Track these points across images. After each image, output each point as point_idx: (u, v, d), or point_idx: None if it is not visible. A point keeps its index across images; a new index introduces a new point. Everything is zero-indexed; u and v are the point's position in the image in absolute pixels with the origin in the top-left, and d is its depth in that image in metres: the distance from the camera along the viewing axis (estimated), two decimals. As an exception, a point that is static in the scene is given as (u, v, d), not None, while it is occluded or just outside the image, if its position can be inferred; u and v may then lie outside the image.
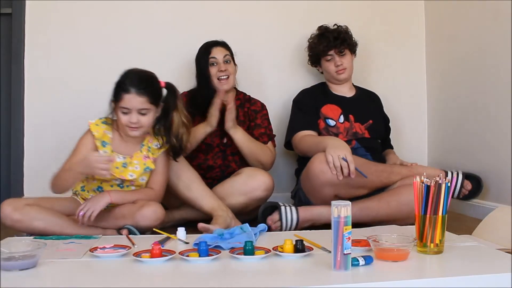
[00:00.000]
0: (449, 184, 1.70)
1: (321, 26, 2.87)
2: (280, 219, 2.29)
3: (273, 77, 3.21)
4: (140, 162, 2.19)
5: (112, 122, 2.20)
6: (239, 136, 2.56)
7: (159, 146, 2.22)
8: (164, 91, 2.21)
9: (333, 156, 2.30)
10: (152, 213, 2.10)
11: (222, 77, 2.61)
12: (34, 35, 2.99)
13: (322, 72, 2.94)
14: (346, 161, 2.29)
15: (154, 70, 2.51)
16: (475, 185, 2.68)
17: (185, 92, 2.66)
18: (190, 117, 2.33)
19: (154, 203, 2.14)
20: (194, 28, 3.01)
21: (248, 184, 2.43)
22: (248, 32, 3.16)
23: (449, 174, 2.63)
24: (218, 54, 2.63)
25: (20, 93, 2.98)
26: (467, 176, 2.69)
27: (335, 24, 2.85)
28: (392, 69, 3.32)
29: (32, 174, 2.95)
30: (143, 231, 2.12)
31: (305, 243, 1.69)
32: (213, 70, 2.62)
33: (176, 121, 2.20)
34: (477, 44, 2.83)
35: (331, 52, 2.78)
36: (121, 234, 2.09)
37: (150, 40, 3.01)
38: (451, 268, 1.60)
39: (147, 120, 2.10)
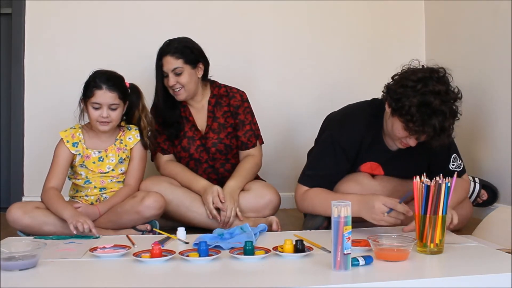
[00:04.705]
0: (449, 184, 1.71)
1: (436, 91, 1.91)
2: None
3: (272, 76, 3.21)
4: (115, 154, 2.31)
5: (81, 126, 2.33)
6: (237, 189, 2.39)
7: (132, 139, 2.33)
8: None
9: (378, 220, 1.92)
10: (154, 202, 2.18)
11: (175, 89, 2.42)
12: (34, 35, 2.99)
13: (385, 112, 2.12)
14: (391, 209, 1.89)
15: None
16: (490, 195, 2.66)
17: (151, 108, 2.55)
18: (161, 128, 2.49)
19: (154, 193, 2.22)
20: (194, 28, 3.01)
21: (257, 203, 2.38)
22: (247, 31, 3.17)
23: None
24: (167, 66, 2.40)
25: (20, 93, 2.98)
26: (483, 185, 2.64)
27: (442, 100, 1.92)
28: (392, 70, 3.31)
29: (32, 174, 2.95)
30: (149, 220, 2.22)
31: (305, 243, 1.69)
32: (166, 82, 2.43)
33: (142, 118, 2.37)
34: (477, 44, 2.82)
35: (414, 134, 1.98)
36: (141, 230, 2.20)
37: (150, 39, 3.00)
38: (451, 268, 1.60)
39: (116, 115, 2.24)
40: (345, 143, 2.15)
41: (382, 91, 2.08)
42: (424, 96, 1.90)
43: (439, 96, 1.90)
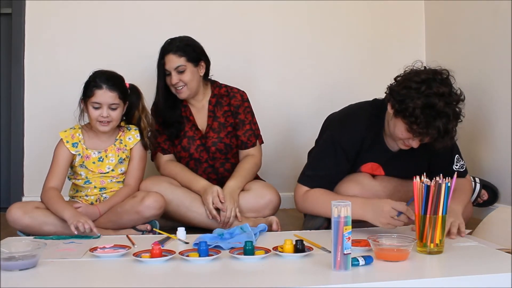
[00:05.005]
0: (449, 185, 1.71)
1: (440, 93, 1.89)
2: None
3: (272, 76, 3.21)
4: (115, 154, 2.31)
5: (81, 126, 2.33)
6: (237, 189, 2.40)
7: (131, 139, 2.34)
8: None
9: (385, 223, 1.91)
10: (154, 202, 2.18)
11: (178, 87, 2.43)
12: (34, 35, 2.99)
13: (386, 112, 2.11)
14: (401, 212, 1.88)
15: (155, 69, 2.53)
16: (491, 195, 2.65)
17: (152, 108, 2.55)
18: (161, 128, 2.49)
19: (154, 193, 2.22)
20: (194, 28, 3.01)
21: (257, 203, 2.39)
22: (247, 31, 3.17)
23: None
24: (169, 64, 2.41)
25: (20, 93, 2.98)
26: (484, 185, 2.64)
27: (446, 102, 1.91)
28: (392, 70, 3.31)
29: (32, 174, 2.95)
30: (149, 220, 2.22)
31: (305, 243, 1.69)
32: (168, 80, 2.44)
33: (142, 119, 2.37)
34: (477, 44, 2.82)
35: (418, 136, 1.97)
36: (141, 230, 2.20)
37: (150, 39, 3.00)
38: (451, 268, 1.60)
39: (116, 115, 2.24)
40: (346, 144, 2.14)
41: (385, 92, 2.07)
42: (428, 98, 1.88)
43: (443, 98, 1.89)
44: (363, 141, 2.16)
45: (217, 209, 2.31)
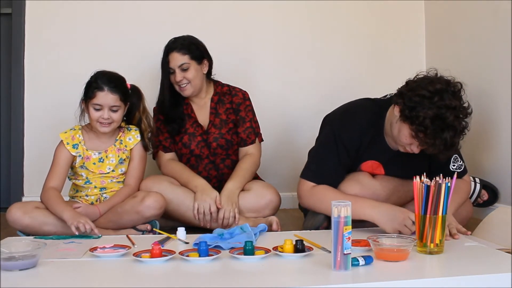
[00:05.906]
0: (449, 185, 1.71)
1: (452, 106, 1.90)
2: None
3: (272, 76, 3.21)
4: (115, 155, 2.31)
5: (81, 127, 2.33)
6: (236, 190, 2.41)
7: (132, 140, 2.34)
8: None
9: (395, 229, 1.92)
10: (154, 202, 2.19)
11: (182, 85, 2.47)
12: (34, 35, 2.99)
13: (388, 113, 2.13)
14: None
15: (155, 69, 2.53)
16: (491, 195, 2.65)
17: (155, 107, 2.58)
18: (163, 126, 2.52)
19: (154, 193, 2.22)
20: (194, 28, 3.01)
21: (257, 203, 2.39)
22: (247, 31, 3.17)
23: None
24: (173, 62, 2.45)
25: (20, 93, 2.98)
26: (484, 185, 2.64)
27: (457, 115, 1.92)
28: (392, 69, 3.32)
29: (32, 174, 2.95)
30: (149, 220, 2.23)
31: (305, 243, 1.69)
32: (172, 78, 2.48)
33: (143, 120, 2.38)
34: (477, 44, 2.82)
35: (423, 145, 1.96)
36: (141, 230, 2.21)
37: (150, 40, 3.01)
38: (451, 268, 1.60)
39: (117, 116, 2.23)
40: (347, 139, 2.14)
41: (394, 94, 2.06)
42: (440, 109, 1.88)
43: (454, 112, 1.90)
44: (363, 138, 2.15)
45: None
